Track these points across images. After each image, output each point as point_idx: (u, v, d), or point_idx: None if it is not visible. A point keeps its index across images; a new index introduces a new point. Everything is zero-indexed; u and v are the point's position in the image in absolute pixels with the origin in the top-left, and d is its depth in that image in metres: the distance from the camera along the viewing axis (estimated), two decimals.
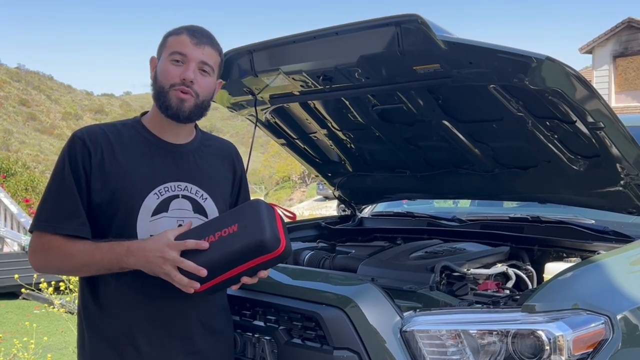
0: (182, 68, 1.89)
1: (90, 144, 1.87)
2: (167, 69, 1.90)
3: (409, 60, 2.27)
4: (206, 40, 1.95)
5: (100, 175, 1.85)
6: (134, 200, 1.87)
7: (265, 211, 1.82)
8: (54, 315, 5.54)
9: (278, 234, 1.80)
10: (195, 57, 1.90)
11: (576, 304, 1.87)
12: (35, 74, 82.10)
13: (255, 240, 1.77)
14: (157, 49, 1.99)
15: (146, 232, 1.87)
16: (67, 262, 1.85)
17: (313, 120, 3.12)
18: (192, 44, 1.91)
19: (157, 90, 1.93)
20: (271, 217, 1.82)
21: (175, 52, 1.90)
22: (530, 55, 2.02)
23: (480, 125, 2.64)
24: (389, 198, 3.72)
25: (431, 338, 1.86)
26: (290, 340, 2.09)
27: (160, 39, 1.99)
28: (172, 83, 1.89)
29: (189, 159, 2.00)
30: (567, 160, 2.51)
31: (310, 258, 2.78)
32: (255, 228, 1.78)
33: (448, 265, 2.35)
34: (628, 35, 19.97)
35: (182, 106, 1.90)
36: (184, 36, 1.92)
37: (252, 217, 1.80)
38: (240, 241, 1.77)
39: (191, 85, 1.89)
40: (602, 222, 2.75)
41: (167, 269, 1.74)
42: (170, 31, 1.98)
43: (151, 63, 2.00)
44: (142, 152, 1.93)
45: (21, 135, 61.13)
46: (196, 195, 1.96)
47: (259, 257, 1.79)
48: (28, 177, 16.59)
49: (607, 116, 2.17)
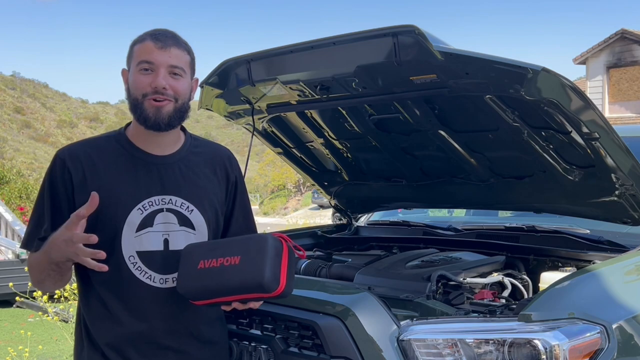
0: (151, 76, 1.84)
1: (70, 164, 1.86)
2: (137, 80, 1.85)
3: (406, 70, 2.29)
4: (171, 42, 1.87)
5: (83, 194, 1.82)
6: (117, 216, 1.84)
7: (271, 251, 1.77)
8: (49, 323, 5.51)
9: (279, 275, 1.76)
10: (162, 62, 1.84)
11: (572, 313, 1.88)
12: (31, 82, 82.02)
13: (252, 280, 1.74)
14: (126, 60, 1.93)
15: (131, 247, 1.85)
16: (33, 274, 1.91)
17: (310, 129, 3.13)
18: (157, 48, 1.84)
19: (132, 103, 1.88)
20: (276, 256, 1.77)
21: (142, 61, 1.84)
22: (526, 66, 2.04)
23: (476, 135, 2.66)
24: (385, 207, 3.72)
25: (428, 347, 1.87)
26: (287, 349, 2.09)
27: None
28: (144, 93, 1.84)
29: (174, 171, 1.94)
30: (563, 170, 2.52)
31: (306, 267, 2.78)
32: (256, 268, 1.74)
33: (444, 274, 2.36)
34: (621, 46, 20.12)
35: (160, 114, 1.85)
36: (148, 42, 1.86)
37: (256, 255, 1.76)
38: (238, 276, 1.75)
39: (165, 91, 1.84)
40: (597, 232, 2.76)
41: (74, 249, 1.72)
42: (135, 39, 1.91)
43: (123, 76, 1.94)
44: (126, 167, 1.90)
45: (16, 142, 60.98)
46: (181, 207, 1.91)
47: (254, 294, 1.78)
48: (22, 184, 16.54)
49: (602, 127, 2.19)
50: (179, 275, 1.85)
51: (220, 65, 2.68)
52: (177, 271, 1.86)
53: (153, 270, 1.87)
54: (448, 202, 3.36)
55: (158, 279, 1.88)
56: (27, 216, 12.51)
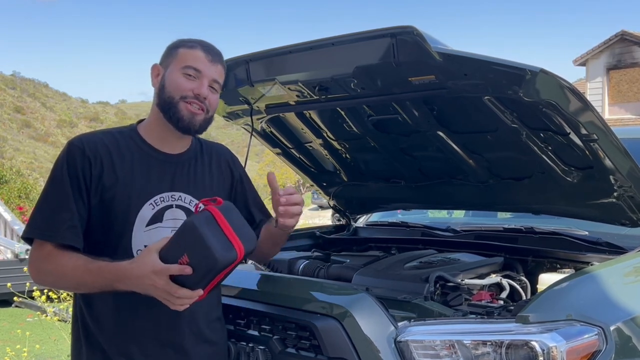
0: (195, 83, 1.91)
1: (90, 154, 1.86)
2: (178, 82, 1.91)
3: (405, 71, 2.29)
4: (218, 59, 1.99)
5: (98, 186, 1.85)
6: (130, 210, 1.87)
7: (203, 227, 1.70)
8: (47, 323, 5.51)
9: (228, 242, 1.71)
10: (209, 74, 1.94)
11: (570, 314, 1.88)
12: (31, 82, 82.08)
13: (210, 264, 1.69)
14: (163, 58, 1.98)
15: (140, 242, 1.88)
16: (61, 280, 1.86)
17: (309, 130, 3.13)
18: (208, 60, 1.94)
19: (165, 101, 1.92)
20: (210, 228, 1.70)
21: (189, 67, 1.92)
22: (524, 68, 2.04)
23: (475, 136, 2.66)
24: (383, 208, 3.72)
25: (425, 348, 1.87)
26: (285, 349, 2.09)
27: (166, 48, 1.98)
28: (184, 95, 1.90)
29: (184, 169, 2.00)
30: (561, 172, 2.52)
31: (305, 267, 2.78)
32: (204, 251, 1.68)
33: (442, 276, 2.36)
34: (621, 47, 20.13)
35: (193, 120, 1.92)
36: (199, 51, 1.94)
37: (195, 241, 1.69)
38: (198, 269, 1.69)
39: (204, 101, 1.92)
40: (595, 234, 2.76)
41: (162, 295, 1.72)
42: (182, 42, 1.97)
43: (153, 70, 1.99)
44: (139, 163, 1.93)
45: (15, 142, 61.00)
46: (190, 204, 1.97)
47: (224, 270, 1.73)
48: (22, 184, 16.56)
49: (601, 128, 2.19)
50: None
51: None
52: None
53: None
54: (447, 203, 3.36)
55: None
56: (26, 216, 12.51)
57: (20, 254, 8.38)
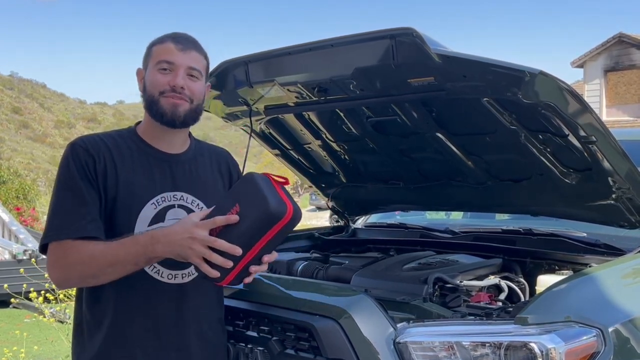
0: (170, 76, 1.90)
1: (93, 152, 1.87)
2: (155, 78, 1.91)
3: (404, 72, 2.29)
4: (191, 45, 1.95)
5: (101, 185, 1.85)
6: (132, 210, 1.87)
7: (261, 181, 1.75)
8: (45, 324, 5.50)
9: (281, 199, 1.73)
10: (182, 63, 1.91)
11: (568, 316, 1.88)
12: (29, 82, 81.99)
13: (262, 212, 1.70)
14: (143, 60, 1.99)
15: None
16: (90, 267, 1.77)
17: (307, 131, 3.13)
18: (178, 50, 1.91)
19: (147, 100, 1.93)
20: (269, 185, 1.75)
21: (162, 61, 1.91)
22: (523, 70, 2.04)
23: (474, 138, 2.66)
24: (382, 209, 3.73)
25: (424, 349, 1.87)
26: (284, 350, 2.09)
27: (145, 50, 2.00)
28: (162, 90, 1.90)
29: (185, 169, 2.00)
30: (560, 174, 2.52)
31: (303, 268, 2.78)
32: (258, 201, 1.71)
33: (441, 277, 2.36)
34: (619, 50, 20.17)
35: (176, 111, 1.90)
36: (169, 43, 1.93)
37: (250, 192, 1.73)
38: (248, 219, 1.70)
39: (182, 91, 1.90)
40: (593, 235, 2.76)
41: (198, 249, 1.67)
42: (154, 40, 1.98)
43: (138, 75, 2.00)
44: (140, 163, 1.93)
45: (13, 143, 60.94)
46: (192, 204, 1.97)
47: (272, 229, 1.72)
48: (19, 185, 16.51)
49: (599, 130, 2.19)
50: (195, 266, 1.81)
51: (218, 66, 2.69)
52: (185, 268, 1.90)
53: (161, 266, 1.90)
54: (445, 204, 3.36)
55: (166, 274, 1.91)
56: (24, 216, 12.51)
57: (18, 255, 8.35)
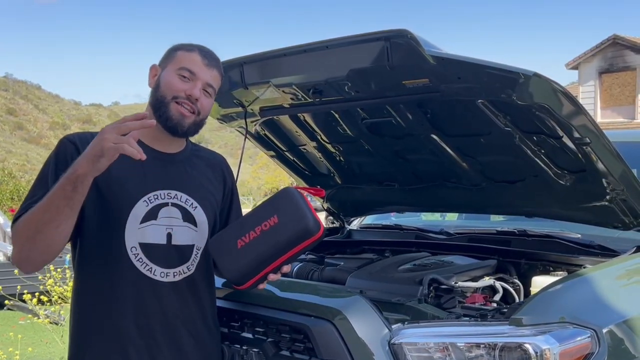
0: (189, 84, 1.92)
1: (81, 148, 1.83)
2: (172, 82, 1.93)
3: (399, 74, 2.30)
4: (215, 63, 2.00)
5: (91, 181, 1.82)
6: (123, 206, 1.87)
7: (300, 198, 1.87)
8: (39, 326, 5.49)
9: (315, 218, 1.85)
10: (203, 77, 1.95)
11: (563, 317, 1.89)
12: (23, 83, 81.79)
13: (300, 228, 1.83)
14: (162, 59, 2.01)
15: (134, 238, 1.87)
16: (30, 223, 1.71)
17: (303, 132, 3.13)
18: (203, 64, 1.95)
19: (157, 100, 1.94)
20: (305, 202, 1.87)
21: (184, 68, 1.93)
22: (518, 71, 2.05)
23: (469, 140, 2.66)
24: (377, 211, 3.73)
25: (419, 351, 1.87)
26: (279, 352, 2.08)
27: (166, 51, 2.02)
28: (176, 95, 1.91)
29: (180, 168, 2.01)
30: (554, 175, 2.53)
31: (298, 270, 2.78)
32: (297, 216, 1.83)
33: (436, 278, 2.36)
34: (613, 51, 20.25)
35: (182, 121, 1.93)
36: (196, 55, 1.96)
37: (290, 206, 1.86)
38: (285, 231, 1.83)
39: (195, 102, 1.92)
40: (588, 237, 2.77)
41: (110, 137, 1.62)
42: (181, 45, 2.00)
43: (151, 71, 2.01)
44: (133, 160, 1.91)
45: (8, 144, 60.76)
46: (186, 203, 1.97)
47: (303, 243, 1.85)
48: (14, 186, 16.49)
49: (593, 132, 2.20)
50: (221, 267, 1.91)
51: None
52: (178, 266, 1.92)
53: (154, 263, 1.89)
54: (440, 206, 3.36)
55: (159, 272, 1.90)
56: None
57: None
